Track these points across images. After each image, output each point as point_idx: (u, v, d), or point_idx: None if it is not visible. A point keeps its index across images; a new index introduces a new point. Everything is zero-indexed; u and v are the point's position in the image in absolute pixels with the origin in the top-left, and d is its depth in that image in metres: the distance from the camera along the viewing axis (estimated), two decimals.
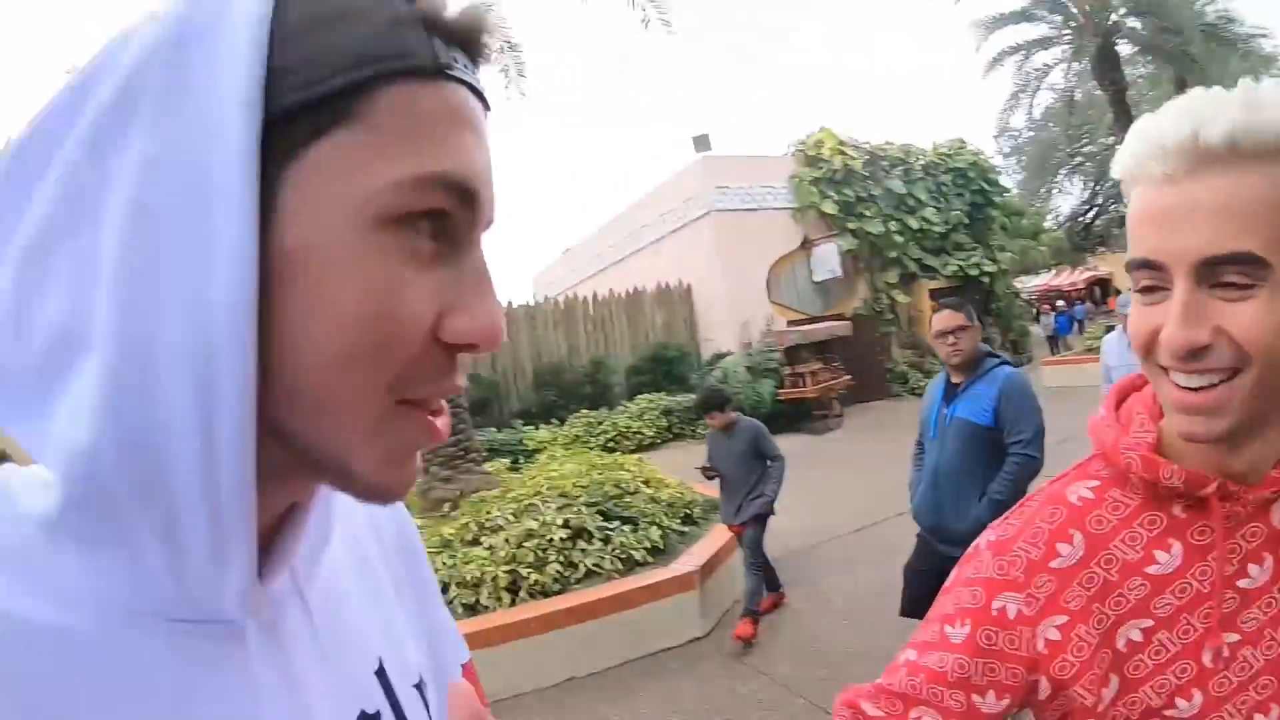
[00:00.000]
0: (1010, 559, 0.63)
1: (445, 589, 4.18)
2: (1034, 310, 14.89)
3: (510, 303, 11.92)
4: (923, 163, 14.17)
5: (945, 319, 2.63)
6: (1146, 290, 0.56)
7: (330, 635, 0.37)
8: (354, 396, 0.29)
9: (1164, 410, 0.60)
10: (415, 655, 0.43)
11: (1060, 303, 18.27)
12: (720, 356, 11.98)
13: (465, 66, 0.30)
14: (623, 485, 4.64)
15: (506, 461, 6.93)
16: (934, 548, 2.62)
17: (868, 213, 13.13)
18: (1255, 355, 0.51)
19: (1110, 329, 6.24)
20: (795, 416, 10.63)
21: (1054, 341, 17.70)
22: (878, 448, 8.62)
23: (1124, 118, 15.10)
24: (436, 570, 4.09)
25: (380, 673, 0.39)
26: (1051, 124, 20.44)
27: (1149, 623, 0.61)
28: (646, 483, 4.83)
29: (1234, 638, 0.60)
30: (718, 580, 4.18)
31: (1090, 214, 25.51)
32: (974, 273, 13.84)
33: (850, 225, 12.94)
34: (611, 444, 9.78)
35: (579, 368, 11.96)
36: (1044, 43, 16.17)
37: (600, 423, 10.59)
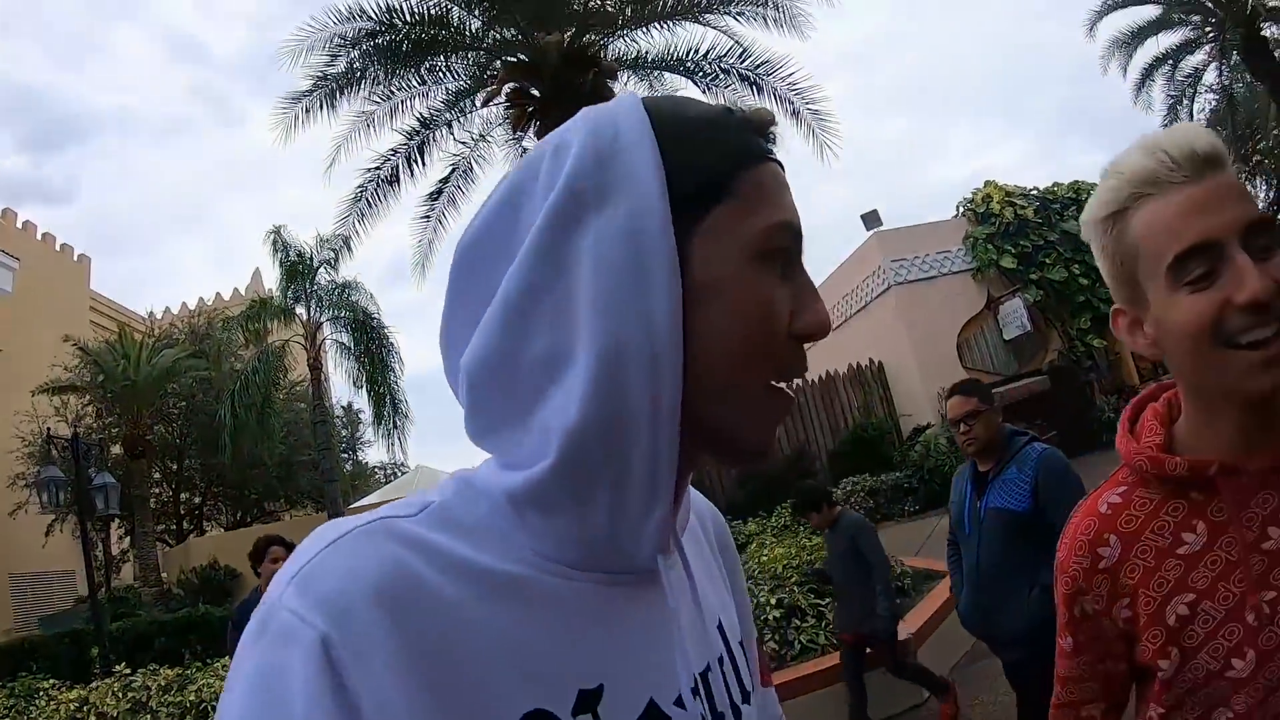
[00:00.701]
0: (1070, 574, 0.82)
1: None
2: None
3: None
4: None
5: (955, 405, 2.58)
6: (1196, 281, 0.68)
7: (699, 588, 0.51)
8: (747, 381, 0.45)
9: (1235, 385, 0.69)
10: (733, 621, 0.60)
11: None
12: (920, 430, 12.88)
13: (771, 149, 0.49)
14: None
15: None
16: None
17: (1048, 260, 13.99)
18: None
19: None
20: None
21: None
22: None
23: None
24: None
25: (720, 628, 0.55)
26: (1219, 128, 20.04)
27: (1191, 596, 0.74)
28: None
29: (1270, 594, 0.72)
30: (938, 645, 4.59)
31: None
32: None
33: (1032, 276, 13.86)
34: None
35: (781, 458, 12.72)
36: (1189, 46, 16.38)
37: None
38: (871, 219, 14.67)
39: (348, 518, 0.43)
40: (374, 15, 8.64)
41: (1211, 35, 16.12)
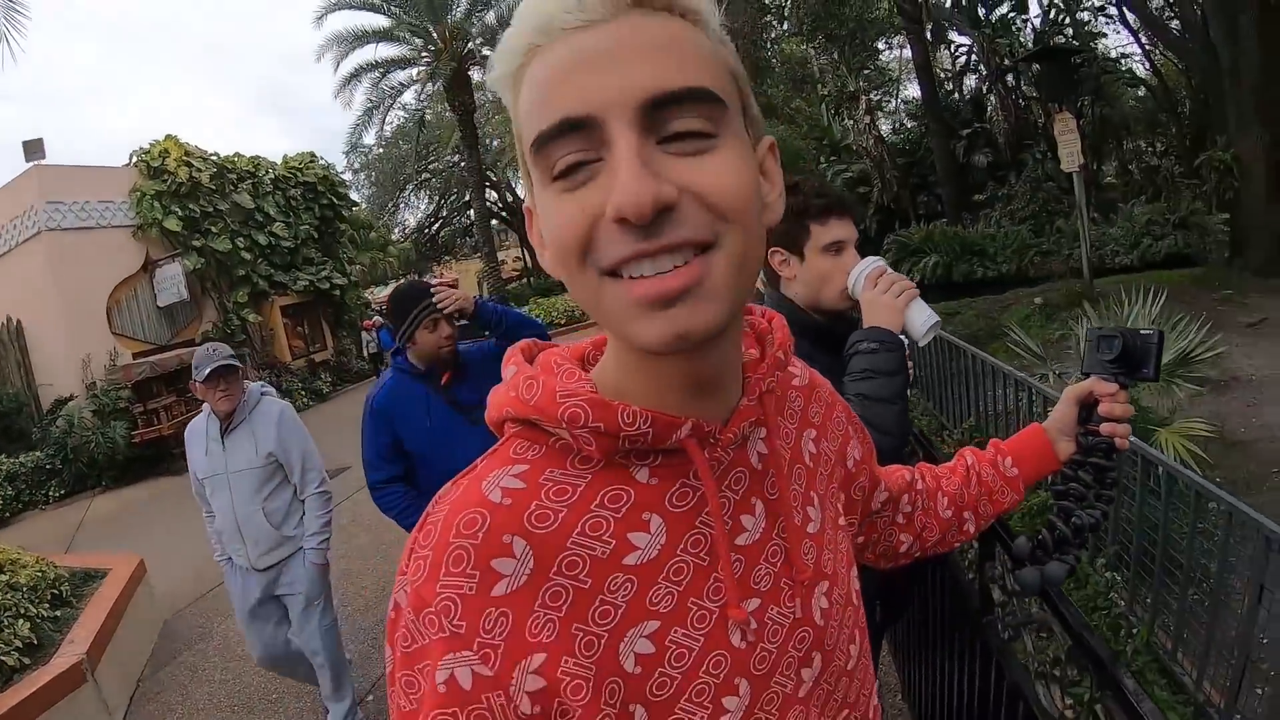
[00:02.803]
0: (439, 608, 0.61)
1: None
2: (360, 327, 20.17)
3: None
4: (272, 176, 19.52)
5: None
6: (569, 172, 0.58)
7: None
8: None
9: (621, 328, 0.61)
10: None
11: (377, 318, 21.05)
12: (62, 402, 14.59)
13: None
14: None
15: None
16: None
17: (215, 229, 17.64)
18: (733, 218, 0.58)
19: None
20: (156, 459, 13.70)
21: (378, 358, 20.22)
22: None
23: (471, 136, 23.78)
24: None
25: None
26: (402, 142, 30.05)
27: (655, 625, 0.65)
28: None
29: (755, 603, 0.70)
30: (116, 659, 4.96)
31: (435, 226, 37.43)
32: (325, 286, 19.90)
33: (196, 243, 17.23)
34: None
35: None
36: (401, 63, 24.23)
37: None
38: (34, 149, 15.78)
39: None
40: None
41: (426, 60, 23.88)
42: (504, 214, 36.69)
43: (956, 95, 25.54)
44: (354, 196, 22.19)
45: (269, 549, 3.75)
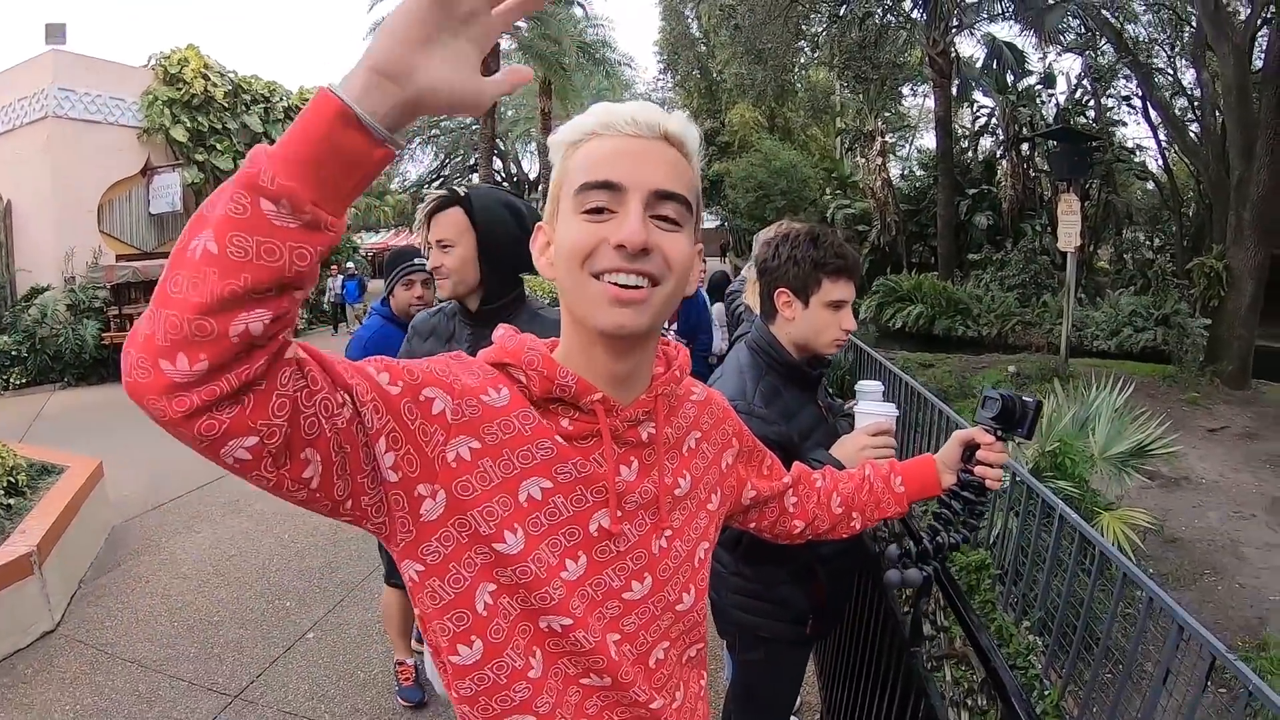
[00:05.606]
0: (452, 372, 0.98)
1: None
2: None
3: None
4: (285, 104, 19.55)
5: None
6: (595, 211, 0.98)
7: None
8: None
9: (588, 313, 1.00)
10: None
11: (350, 265, 21.10)
12: (38, 291, 14.74)
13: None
14: None
15: None
16: None
17: (220, 146, 17.75)
18: (673, 273, 1.00)
19: None
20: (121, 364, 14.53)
21: (339, 308, 20.72)
22: None
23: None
24: None
25: None
26: None
27: (549, 483, 1.00)
28: None
29: (608, 517, 1.05)
30: (63, 556, 4.92)
31: (437, 183, 37.61)
32: None
33: (198, 157, 17.33)
34: None
35: None
36: None
37: None
38: (55, 32, 15.80)
39: None
40: None
41: None
42: (505, 184, 36.97)
43: (970, 154, 25.82)
44: None
45: None
